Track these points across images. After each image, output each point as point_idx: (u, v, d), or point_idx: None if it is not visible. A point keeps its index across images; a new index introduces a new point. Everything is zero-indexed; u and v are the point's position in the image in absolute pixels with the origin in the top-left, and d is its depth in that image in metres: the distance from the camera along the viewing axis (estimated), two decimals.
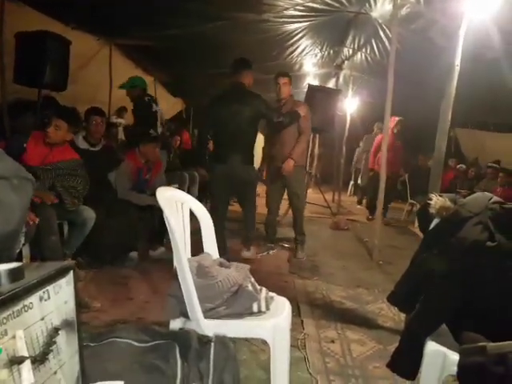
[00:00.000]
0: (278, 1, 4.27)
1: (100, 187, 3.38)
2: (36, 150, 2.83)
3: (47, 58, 3.53)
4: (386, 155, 3.76)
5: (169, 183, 4.03)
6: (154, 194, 3.60)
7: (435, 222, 1.65)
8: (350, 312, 2.69)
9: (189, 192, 4.57)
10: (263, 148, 4.23)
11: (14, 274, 0.67)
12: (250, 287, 1.51)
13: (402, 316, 2.42)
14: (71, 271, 0.77)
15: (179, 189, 1.73)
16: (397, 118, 5.93)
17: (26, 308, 0.68)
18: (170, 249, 3.46)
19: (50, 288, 0.72)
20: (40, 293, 0.71)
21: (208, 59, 6.13)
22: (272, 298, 1.59)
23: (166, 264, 3.02)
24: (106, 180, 3.55)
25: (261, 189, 4.29)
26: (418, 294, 1.52)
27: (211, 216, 1.72)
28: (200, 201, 1.92)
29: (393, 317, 2.62)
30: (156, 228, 3.59)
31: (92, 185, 3.12)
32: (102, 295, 2.63)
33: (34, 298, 0.70)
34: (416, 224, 5.73)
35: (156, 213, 3.49)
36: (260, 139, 3.81)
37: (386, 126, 3.72)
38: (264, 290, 1.58)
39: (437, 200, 1.61)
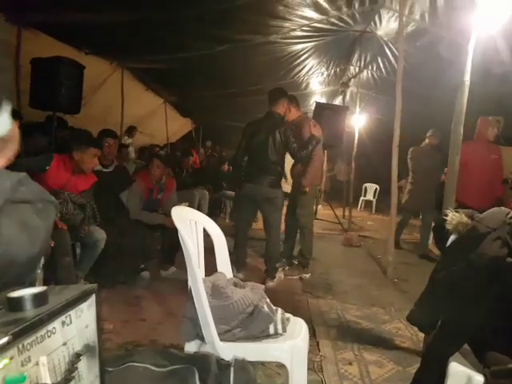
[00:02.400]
0: (284, 22, 4.36)
1: (112, 207, 3.41)
2: (58, 173, 2.86)
3: (61, 82, 3.62)
4: (395, 172, 3.73)
5: (180, 202, 4.06)
6: (165, 214, 3.66)
7: (452, 238, 1.62)
8: (366, 332, 2.63)
9: (199, 209, 4.59)
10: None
11: (39, 299, 0.67)
12: (266, 308, 1.49)
13: (421, 336, 2.36)
14: (93, 295, 0.77)
15: (190, 206, 1.76)
16: (490, 118, 4.08)
17: (49, 333, 0.67)
18: (181, 268, 3.45)
19: (72, 312, 0.72)
20: (63, 317, 0.70)
21: (216, 80, 6.24)
22: (288, 319, 1.56)
23: (178, 284, 3.03)
24: (118, 200, 3.59)
25: None
26: (438, 313, 1.49)
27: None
28: (211, 218, 1.92)
29: (411, 337, 2.55)
30: (167, 247, 3.59)
31: (105, 205, 3.14)
32: (114, 316, 2.61)
33: (56, 323, 0.69)
34: (430, 240, 5.66)
35: (167, 232, 3.50)
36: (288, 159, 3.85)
37: (394, 142, 3.71)
38: (280, 310, 1.56)
39: (453, 216, 1.59)
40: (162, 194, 3.81)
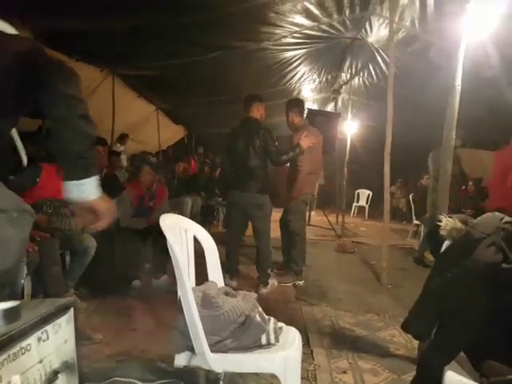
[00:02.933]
0: (276, 29, 4.36)
1: None
2: (50, 182, 2.79)
3: None
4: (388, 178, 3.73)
5: (172, 209, 4.01)
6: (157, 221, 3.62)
7: (446, 244, 1.60)
8: (360, 340, 2.59)
9: (191, 217, 4.55)
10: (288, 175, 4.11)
11: (10, 315, 0.63)
12: (258, 318, 1.45)
13: (416, 343, 2.33)
14: (71, 309, 0.73)
15: (180, 214, 1.72)
16: None
17: (22, 350, 0.63)
18: (173, 277, 3.40)
19: (48, 328, 0.68)
20: (38, 333, 0.66)
21: (208, 87, 6.23)
22: (281, 328, 1.52)
23: (170, 292, 2.96)
24: None
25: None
26: (433, 320, 1.46)
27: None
28: (203, 226, 1.88)
29: (406, 344, 2.52)
30: (158, 256, 3.54)
31: None
32: (104, 326, 2.55)
33: (31, 339, 0.65)
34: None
35: (158, 240, 3.45)
36: None
37: (386, 149, 3.71)
38: (272, 320, 1.52)
39: (447, 221, 1.58)
40: (153, 202, 3.76)
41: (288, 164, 3.79)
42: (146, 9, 3.64)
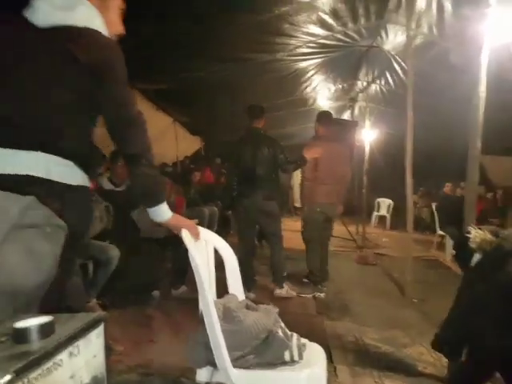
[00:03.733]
0: (290, 39, 4.37)
1: (124, 226, 3.38)
2: None
3: None
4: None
5: (188, 219, 4.00)
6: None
7: (476, 257, 1.53)
8: (386, 357, 2.50)
9: (208, 227, 4.56)
10: (300, 184, 4.30)
11: (45, 330, 0.63)
12: (281, 333, 1.40)
13: (445, 361, 2.22)
14: (102, 323, 0.72)
15: (199, 224, 1.72)
16: None
17: (55, 366, 0.63)
18: (191, 288, 3.37)
19: (80, 342, 0.67)
20: (70, 348, 0.66)
21: (224, 98, 6.27)
22: (304, 345, 1.47)
23: (189, 304, 2.94)
24: (129, 219, 3.56)
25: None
26: (465, 338, 1.39)
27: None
28: (220, 236, 1.85)
29: (434, 362, 2.40)
30: (177, 266, 3.53)
31: (116, 224, 3.11)
32: (125, 337, 2.54)
33: (64, 355, 0.65)
34: (447, 257, 5.50)
35: (177, 251, 3.45)
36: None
37: (408, 157, 3.63)
38: (295, 336, 1.47)
39: (476, 233, 1.51)
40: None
41: None
42: (160, 22, 3.71)
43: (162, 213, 1.39)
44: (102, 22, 1.31)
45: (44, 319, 0.66)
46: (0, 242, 0.96)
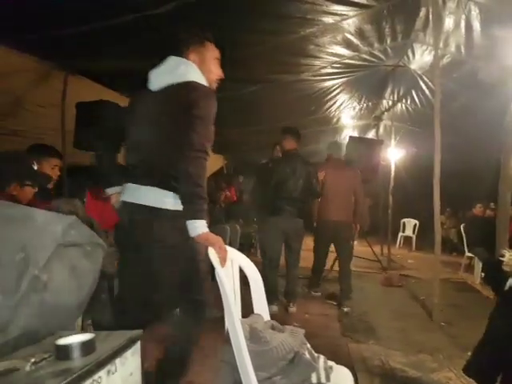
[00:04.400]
0: (315, 60, 4.42)
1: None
2: (94, 204, 2.94)
3: (105, 124, 3.77)
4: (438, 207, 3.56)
5: None
6: None
7: (510, 281, 1.48)
8: (413, 381, 2.41)
9: (230, 245, 4.57)
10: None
11: (87, 348, 0.65)
12: (308, 355, 1.38)
13: None
14: (138, 342, 0.74)
15: None
16: None
17: (94, 383, 0.66)
18: (214, 305, 3.36)
19: (117, 360, 0.69)
20: (109, 366, 0.67)
21: (247, 117, 6.36)
22: (331, 367, 1.44)
23: (211, 321, 2.93)
24: None
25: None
26: (498, 366, 1.33)
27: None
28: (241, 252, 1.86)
29: None
30: None
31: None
32: (149, 354, 2.54)
33: (102, 373, 0.67)
34: (476, 280, 5.30)
35: None
36: None
37: (436, 177, 3.56)
38: (322, 358, 1.44)
39: (510, 257, 1.46)
40: None
41: None
42: None
43: (196, 228, 1.52)
44: (198, 73, 1.69)
45: (85, 337, 0.68)
46: (47, 259, 1.01)
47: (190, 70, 1.68)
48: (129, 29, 3.27)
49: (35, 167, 2.43)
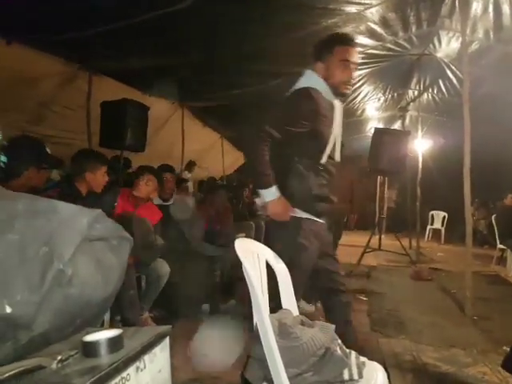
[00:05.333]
0: None
1: (174, 239, 3.47)
2: (124, 206, 3.00)
3: (128, 123, 3.84)
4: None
5: (237, 233, 4.06)
6: (223, 245, 3.70)
7: None
8: (447, 377, 2.34)
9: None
10: None
11: (114, 344, 0.63)
12: (339, 351, 1.36)
13: None
14: (167, 337, 0.73)
15: (246, 237, 1.79)
16: None
17: (123, 380, 0.64)
18: (240, 301, 3.37)
19: (146, 357, 0.68)
20: (137, 363, 0.66)
21: (267, 111, 6.32)
22: (363, 363, 1.41)
23: (238, 318, 2.94)
24: (180, 232, 3.65)
25: None
26: None
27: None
28: None
29: (499, 383, 2.23)
30: (226, 279, 3.56)
31: (167, 237, 3.20)
32: (176, 351, 2.57)
33: (131, 370, 0.66)
34: (510, 272, 5.12)
35: (226, 264, 3.48)
36: None
37: (466, 167, 3.44)
38: (354, 353, 1.42)
39: None
40: (220, 225, 3.83)
41: None
42: (209, 44, 3.84)
43: (264, 196, 1.77)
44: (316, 79, 1.91)
45: (113, 333, 0.66)
46: (72, 253, 1.01)
47: (308, 76, 1.96)
48: (149, 27, 3.30)
49: (87, 174, 2.48)
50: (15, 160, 1.97)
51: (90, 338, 0.66)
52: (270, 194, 1.76)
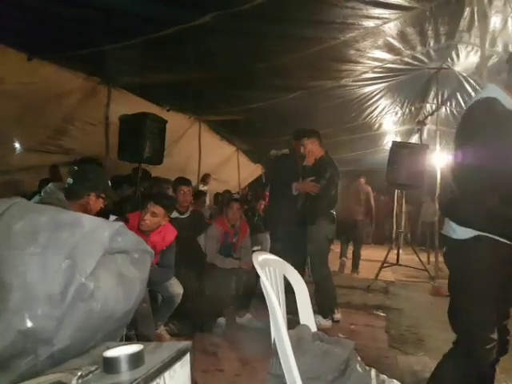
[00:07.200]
0: (356, 66, 4.35)
1: (191, 252, 3.47)
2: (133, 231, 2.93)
3: (146, 136, 3.91)
4: None
5: (252, 245, 4.05)
6: (239, 258, 3.67)
7: None
8: None
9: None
10: None
11: (136, 360, 0.62)
12: (359, 368, 1.33)
13: None
14: (188, 354, 0.72)
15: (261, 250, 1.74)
16: None
17: None
18: (256, 315, 3.32)
19: (166, 373, 0.67)
20: (157, 379, 0.65)
21: (285, 126, 6.34)
22: (384, 381, 1.38)
23: (254, 332, 2.91)
24: (196, 244, 3.66)
25: None
26: None
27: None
28: None
29: None
30: (242, 293, 3.53)
31: (183, 250, 3.20)
32: (193, 366, 2.55)
33: None
34: None
35: (241, 277, 3.46)
36: None
37: None
38: (374, 371, 1.39)
39: None
40: (236, 238, 3.83)
41: None
42: (227, 59, 3.89)
43: None
44: (498, 91, 1.63)
45: (134, 349, 0.64)
46: (94, 267, 1.01)
47: (491, 88, 1.72)
48: (167, 42, 3.37)
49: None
50: (79, 184, 2.04)
51: (110, 353, 0.64)
52: None
